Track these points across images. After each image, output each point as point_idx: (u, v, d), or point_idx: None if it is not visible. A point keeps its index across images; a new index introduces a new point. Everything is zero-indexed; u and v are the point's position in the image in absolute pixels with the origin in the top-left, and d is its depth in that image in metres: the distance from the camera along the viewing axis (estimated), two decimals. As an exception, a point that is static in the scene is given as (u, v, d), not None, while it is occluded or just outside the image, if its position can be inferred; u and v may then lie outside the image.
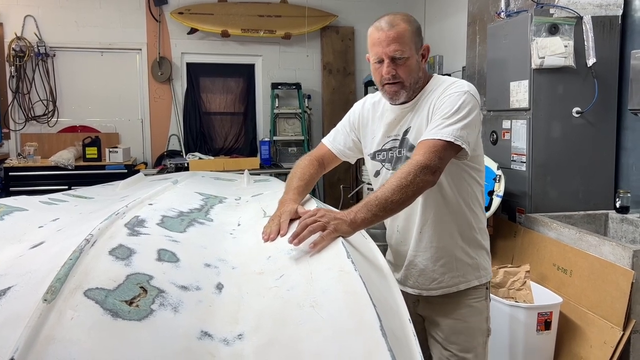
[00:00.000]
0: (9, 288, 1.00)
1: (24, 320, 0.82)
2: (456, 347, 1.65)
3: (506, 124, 3.18)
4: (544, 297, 2.50)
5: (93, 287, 0.97)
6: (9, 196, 2.04)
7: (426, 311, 1.72)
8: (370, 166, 1.79)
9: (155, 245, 1.26)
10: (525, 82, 2.99)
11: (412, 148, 1.61)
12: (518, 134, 3.08)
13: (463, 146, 1.48)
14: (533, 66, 2.92)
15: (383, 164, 1.74)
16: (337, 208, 1.81)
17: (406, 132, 1.67)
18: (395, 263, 1.77)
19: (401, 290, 1.64)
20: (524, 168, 3.04)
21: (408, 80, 1.59)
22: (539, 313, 2.38)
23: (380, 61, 1.59)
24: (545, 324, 2.39)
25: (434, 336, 1.70)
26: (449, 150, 1.48)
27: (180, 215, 1.64)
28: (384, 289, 1.21)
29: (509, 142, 3.16)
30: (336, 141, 1.88)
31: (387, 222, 1.76)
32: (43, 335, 0.81)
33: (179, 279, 1.11)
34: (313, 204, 1.62)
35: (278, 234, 1.39)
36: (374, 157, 1.76)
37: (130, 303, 0.97)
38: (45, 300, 0.88)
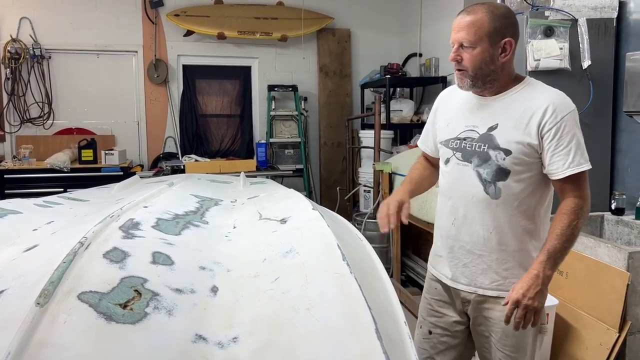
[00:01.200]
0: (2, 292, 0.99)
1: (16, 324, 0.82)
2: (509, 349, 1.62)
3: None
4: (540, 299, 2.50)
5: (87, 291, 0.96)
6: (4, 199, 2.02)
7: (477, 311, 1.67)
8: (442, 152, 1.74)
9: (150, 248, 1.25)
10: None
11: (497, 147, 1.58)
12: (514, 136, 3.08)
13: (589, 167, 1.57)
14: (529, 68, 2.93)
15: (454, 152, 1.68)
16: (333, 210, 1.81)
17: (492, 128, 1.61)
18: (448, 257, 1.70)
19: (451, 287, 1.69)
20: (519, 170, 3.04)
21: (472, 70, 1.55)
22: (535, 315, 2.38)
23: (453, 46, 1.60)
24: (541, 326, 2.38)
25: (487, 337, 1.67)
26: (587, 175, 1.59)
27: (176, 217, 1.63)
28: (380, 291, 1.21)
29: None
30: (426, 140, 1.86)
31: (443, 214, 1.72)
32: (35, 339, 0.80)
33: (173, 282, 1.11)
34: (307, 205, 1.61)
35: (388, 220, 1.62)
36: (447, 144, 1.71)
37: (125, 306, 0.97)
38: (38, 304, 0.87)
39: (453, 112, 1.72)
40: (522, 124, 1.55)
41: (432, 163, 1.86)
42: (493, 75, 1.57)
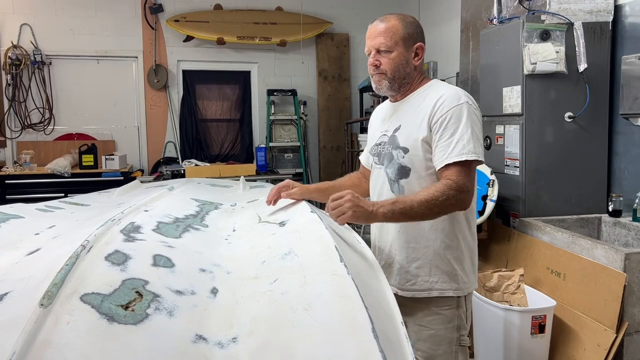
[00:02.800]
0: (6, 294, 1.01)
1: (20, 325, 0.84)
2: (421, 354, 1.64)
3: (499, 129, 3.21)
4: (538, 300, 2.52)
5: (89, 292, 0.98)
6: (5, 204, 2.04)
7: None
8: (370, 161, 1.88)
9: (151, 250, 1.27)
10: (518, 88, 3.02)
11: (397, 147, 1.68)
12: (511, 138, 3.11)
13: (479, 158, 1.56)
14: (525, 72, 2.96)
15: (374, 157, 1.82)
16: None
17: (396, 129, 1.72)
18: (377, 258, 1.78)
19: None
20: (517, 173, 3.06)
21: (391, 73, 1.66)
22: (533, 316, 2.40)
23: (370, 53, 1.70)
24: (539, 327, 2.40)
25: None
26: (473, 168, 1.58)
27: (176, 221, 1.65)
28: (377, 292, 1.23)
29: (503, 147, 3.18)
30: (365, 154, 1.97)
31: None
32: (39, 339, 0.82)
33: (174, 283, 1.13)
34: (305, 208, 1.68)
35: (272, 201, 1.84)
36: (371, 151, 1.85)
37: (126, 307, 0.99)
38: (41, 305, 0.89)
39: (377, 122, 1.87)
40: (418, 122, 1.65)
41: (366, 178, 1.96)
42: (408, 78, 1.70)
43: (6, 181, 4.77)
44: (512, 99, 3.07)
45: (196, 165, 5.32)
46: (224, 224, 1.78)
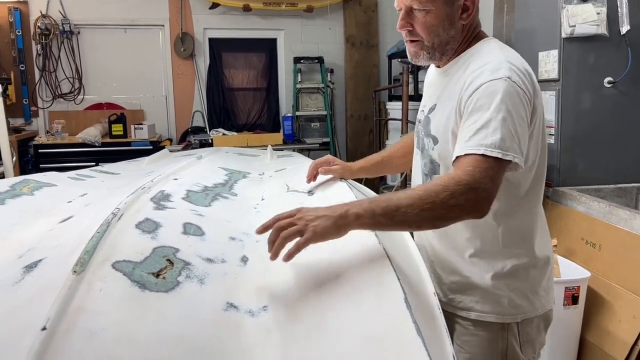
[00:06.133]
0: (40, 260, 1.03)
1: (54, 292, 0.84)
2: None
3: (534, 95, 3.09)
4: (572, 271, 2.46)
5: (120, 260, 0.99)
6: (40, 173, 2.08)
7: None
8: None
9: (181, 219, 1.27)
10: (555, 52, 2.89)
11: (429, 134, 1.33)
12: (547, 105, 3.00)
13: (514, 160, 1.10)
14: (563, 35, 2.82)
15: (415, 138, 1.48)
16: (360, 182, 1.79)
17: (431, 109, 1.33)
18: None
19: None
20: (552, 141, 2.96)
21: (429, 40, 1.24)
22: (566, 287, 2.35)
23: (400, 10, 1.27)
24: (572, 299, 2.36)
25: None
26: (499, 170, 1.10)
27: (205, 189, 1.65)
28: (409, 262, 1.20)
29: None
30: None
31: None
32: (73, 306, 0.82)
33: (204, 251, 1.12)
34: (343, 188, 1.51)
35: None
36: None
37: (157, 275, 0.99)
38: (74, 272, 0.89)
39: (425, 88, 1.48)
40: (449, 104, 1.24)
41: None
42: (453, 42, 1.26)
43: (39, 150, 4.87)
44: (549, 63, 2.95)
45: (223, 134, 5.33)
46: (253, 192, 1.78)
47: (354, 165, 1.65)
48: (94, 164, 4.52)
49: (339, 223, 1.01)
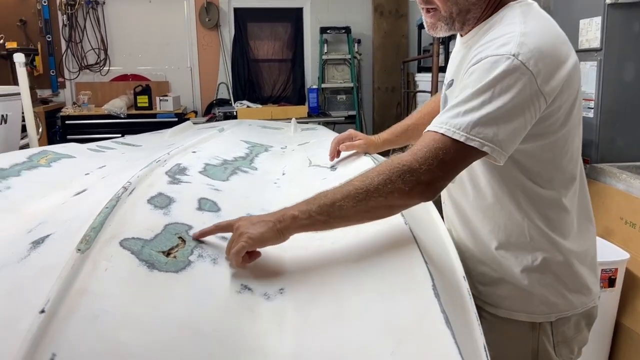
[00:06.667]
0: (47, 236, 0.98)
1: (57, 271, 0.79)
2: None
3: (573, 66, 2.92)
4: (609, 252, 2.34)
5: (129, 237, 0.93)
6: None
7: None
8: None
9: (196, 193, 1.21)
10: (598, 19, 2.71)
11: None
12: (587, 77, 2.82)
13: (483, 149, 0.94)
14: (607, 1, 2.64)
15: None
16: (386, 157, 1.70)
17: (449, 85, 1.20)
18: None
19: None
20: (591, 115, 2.80)
21: (445, 9, 1.09)
22: (602, 269, 2.23)
23: None
24: (609, 281, 2.24)
25: None
26: (459, 154, 0.95)
27: (224, 163, 1.59)
28: (437, 242, 1.12)
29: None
30: None
31: None
32: (75, 287, 0.77)
33: (219, 229, 1.06)
34: (367, 163, 1.42)
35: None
36: None
37: (168, 254, 0.93)
38: (79, 250, 0.84)
39: (450, 60, 1.31)
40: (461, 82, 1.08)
41: None
42: (475, 9, 1.10)
43: (66, 122, 4.89)
44: (590, 32, 2.77)
45: (248, 106, 5.26)
46: (274, 167, 1.71)
47: (377, 138, 1.54)
48: (119, 135, 4.52)
49: (276, 227, 0.93)
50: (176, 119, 4.87)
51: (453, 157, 0.94)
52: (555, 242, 1.14)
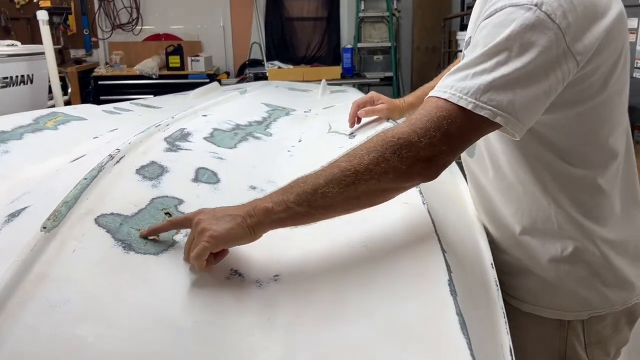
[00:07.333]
0: (24, 209, 0.89)
1: (17, 252, 0.70)
2: None
3: (632, 22, 2.63)
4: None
5: (107, 213, 0.83)
6: (100, 105, 1.99)
7: None
8: None
9: (195, 163, 1.10)
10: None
11: None
12: (638, 33, 2.54)
13: (495, 119, 0.76)
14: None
15: None
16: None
17: (467, 44, 0.99)
18: None
19: None
20: (648, 77, 2.54)
21: None
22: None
23: None
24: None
25: None
26: (467, 124, 0.78)
27: (236, 128, 1.47)
28: (463, 227, 0.98)
29: (634, 44, 2.63)
30: None
31: None
32: (35, 271, 0.68)
33: (213, 204, 0.95)
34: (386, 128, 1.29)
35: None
36: None
37: (150, 232, 0.83)
38: (44, 227, 0.74)
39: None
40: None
41: None
42: None
43: (99, 82, 4.87)
44: (654, -17, 2.47)
45: (279, 67, 5.10)
46: (291, 133, 1.58)
47: (402, 102, 1.38)
48: (151, 96, 4.47)
49: (246, 223, 0.77)
50: (208, 80, 4.75)
51: (459, 128, 0.77)
52: (588, 231, 0.97)
